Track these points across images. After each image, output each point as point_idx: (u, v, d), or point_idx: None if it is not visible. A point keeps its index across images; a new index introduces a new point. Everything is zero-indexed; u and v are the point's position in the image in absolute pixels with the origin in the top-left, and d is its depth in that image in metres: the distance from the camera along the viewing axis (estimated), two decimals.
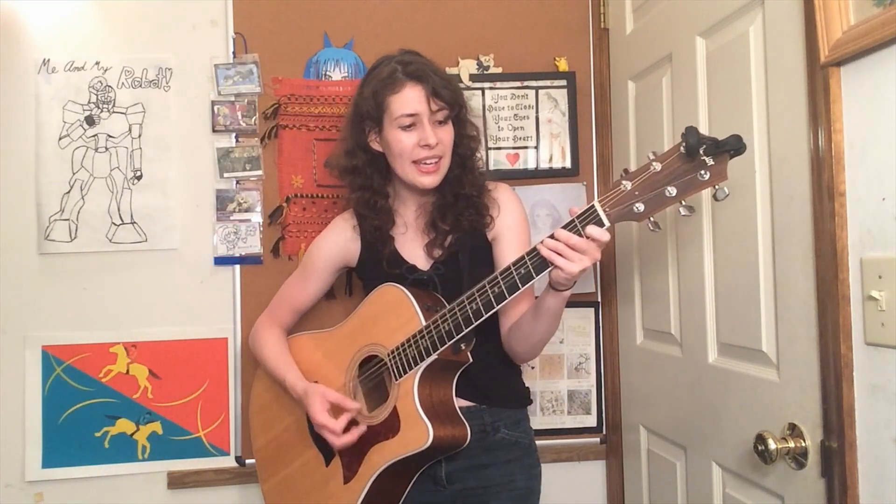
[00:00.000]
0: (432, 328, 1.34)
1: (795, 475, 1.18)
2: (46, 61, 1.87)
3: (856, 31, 1.02)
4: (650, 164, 1.11)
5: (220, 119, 1.91)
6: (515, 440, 1.51)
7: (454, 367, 1.42)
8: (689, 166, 1.07)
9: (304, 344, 1.64)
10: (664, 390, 1.68)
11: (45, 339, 1.86)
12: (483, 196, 1.49)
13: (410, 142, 1.41)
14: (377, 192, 1.50)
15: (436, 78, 1.41)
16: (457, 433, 1.39)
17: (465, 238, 1.47)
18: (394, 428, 1.39)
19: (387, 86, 1.41)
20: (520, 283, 1.24)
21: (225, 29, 1.92)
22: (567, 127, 1.99)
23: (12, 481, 1.85)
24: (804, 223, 1.16)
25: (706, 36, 1.46)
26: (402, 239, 1.53)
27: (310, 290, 1.65)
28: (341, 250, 1.59)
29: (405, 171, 1.44)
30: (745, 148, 1.07)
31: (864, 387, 1.05)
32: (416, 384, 1.36)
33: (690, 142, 1.05)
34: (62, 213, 1.87)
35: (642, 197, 1.12)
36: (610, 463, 2.00)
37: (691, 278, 1.53)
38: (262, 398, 1.70)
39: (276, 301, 1.70)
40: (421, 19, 1.97)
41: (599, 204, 1.16)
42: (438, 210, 1.48)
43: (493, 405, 1.49)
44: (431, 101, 1.39)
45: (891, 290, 0.99)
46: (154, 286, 1.90)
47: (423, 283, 1.47)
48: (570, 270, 1.18)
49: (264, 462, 1.68)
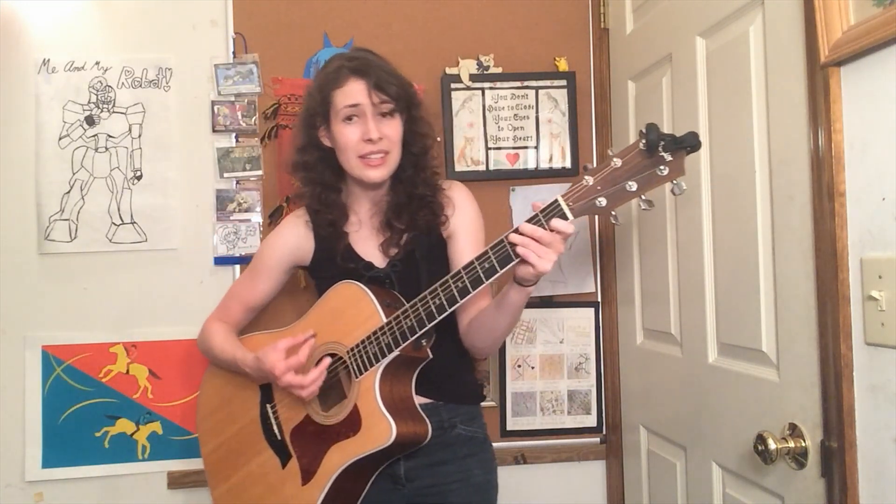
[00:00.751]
0: (394, 324, 1.33)
1: (795, 475, 1.18)
2: (46, 61, 1.87)
3: (856, 31, 1.02)
4: (611, 160, 1.14)
5: (220, 119, 1.91)
6: (472, 435, 1.51)
7: (414, 363, 1.40)
8: (649, 162, 1.11)
9: (258, 343, 1.56)
10: (664, 390, 1.68)
11: (45, 339, 1.86)
12: (437, 195, 1.49)
13: (354, 136, 1.41)
14: (329, 188, 1.50)
15: (381, 72, 1.42)
16: (418, 430, 1.38)
17: (420, 236, 1.47)
18: (355, 426, 1.36)
19: (331, 81, 1.43)
20: (484, 277, 1.24)
21: (225, 29, 1.92)
22: (567, 127, 1.99)
23: (12, 481, 1.85)
24: (804, 223, 1.16)
25: (706, 36, 1.46)
26: (356, 236, 1.52)
27: (260, 289, 1.60)
28: (294, 248, 1.56)
29: (351, 166, 1.44)
30: (701, 145, 1.10)
31: (864, 387, 1.05)
32: (378, 381, 1.35)
33: (651, 138, 1.08)
34: (62, 213, 1.87)
35: (604, 192, 1.14)
36: (610, 463, 2.00)
37: (691, 278, 1.53)
38: (211, 402, 1.64)
39: (225, 300, 1.66)
40: (421, 19, 1.97)
41: (563, 199, 1.18)
42: (393, 209, 1.48)
43: (449, 401, 1.49)
44: (373, 93, 1.40)
45: (891, 290, 0.99)
46: (154, 286, 1.90)
47: (379, 281, 1.45)
48: (535, 263, 1.19)
49: (214, 467, 1.61)
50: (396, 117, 1.44)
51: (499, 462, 1.90)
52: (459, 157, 1.96)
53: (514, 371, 1.98)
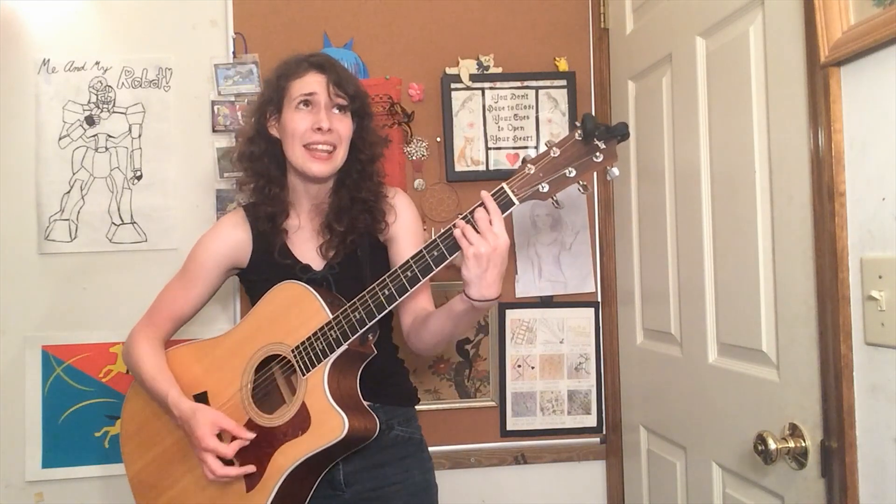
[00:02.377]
0: (342, 319, 1.31)
1: (795, 475, 1.18)
2: (46, 61, 1.87)
3: (856, 31, 1.02)
4: (550, 149, 1.22)
5: (220, 119, 1.91)
6: (409, 436, 1.50)
7: (360, 358, 1.39)
8: (585, 150, 1.20)
9: (184, 356, 1.50)
10: (664, 390, 1.68)
11: (45, 339, 1.86)
12: (380, 201, 1.48)
13: (304, 123, 1.41)
14: (273, 181, 1.48)
15: (341, 72, 1.44)
16: (368, 424, 1.37)
17: (361, 239, 1.46)
18: (303, 425, 1.33)
19: (291, 71, 1.45)
20: (433, 264, 1.26)
21: (225, 29, 1.92)
22: (567, 127, 1.99)
23: (12, 481, 1.85)
24: (804, 223, 1.16)
25: (706, 36, 1.46)
26: (294, 237, 1.49)
27: (193, 294, 1.52)
28: (231, 248, 1.50)
29: (296, 155, 1.43)
30: (629, 135, 1.23)
31: (864, 387, 1.05)
32: (326, 377, 1.33)
33: (588, 127, 1.18)
34: (62, 213, 1.87)
35: (546, 178, 1.22)
36: (610, 463, 2.00)
37: (691, 278, 1.53)
38: (138, 417, 1.53)
39: (154, 307, 1.56)
40: (421, 19, 1.97)
41: (507, 185, 1.24)
42: (334, 212, 1.47)
43: (385, 403, 1.47)
44: (331, 87, 1.41)
45: (891, 290, 0.99)
46: (154, 286, 1.87)
47: (317, 283, 1.42)
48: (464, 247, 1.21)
49: (145, 487, 1.51)
50: (348, 116, 1.45)
51: (499, 462, 1.91)
52: (459, 157, 1.96)
53: (514, 371, 1.98)
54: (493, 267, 1.21)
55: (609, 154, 1.20)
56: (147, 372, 1.47)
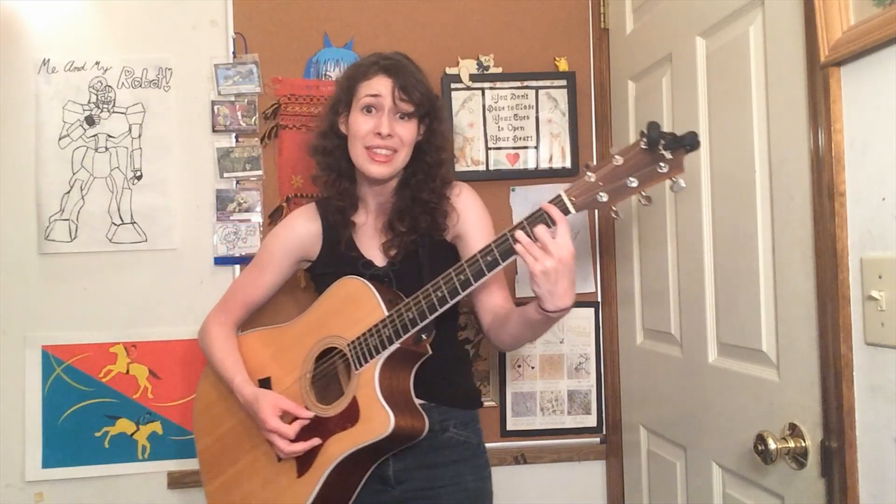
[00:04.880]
0: (395, 317, 1.33)
1: (795, 475, 1.18)
2: (46, 61, 1.87)
3: (856, 31, 1.02)
4: (612, 157, 1.17)
5: (220, 119, 1.91)
6: (464, 440, 1.50)
7: (414, 358, 1.41)
8: (649, 159, 1.14)
9: (254, 341, 1.59)
10: (664, 390, 1.68)
11: (45, 339, 1.86)
12: (442, 203, 1.49)
13: (366, 126, 1.43)
14: (343, 174, 1.51)
15: (410, 77, 1.43)
16: (416, 423, 1.38)
17: (422, 239, 1.48)
18: (353, 418, 1.37)
19: (361, 73, 1.46)
20: (486, 269, 1.25)
21: (225, 29, 1.92)
22: (567, 127, 1.99)
23: (12, 481, 1.85)
24: (804, 223, 1.16)
25: (706, 36, 1.46)
26: (360, 232, 1.53)
27: (264, 281, 1.59)
28: (302, 240, 1.56)
29: (357, 155, 1.46)
30: (699, 144, 1.14)
31: (864, 387, 1.05)
32: (377, 373, 1.35)
33: (652, 136, 1.12)
34: (62, 213, 1.87)
35: (606, 187, 1.18)
36: (610, 463, 2.00)
37: (691, 278, 1.53)
38: (209, 396, 1.64)
39: (228, 295, 1.65)
40: (421, 19, 1.97)
41: (565, 194, 1.21)
42: (396, 212, 1.49)
43: (441, 403, 1.48)
44: (397, 92, 1.42)
45: (891, 290, 0.99)
46: (154, 286, 1.90)
47: (378, 279, 1.46)
48: (529, 263, 1.20)
49: (209, 463, 1.62)
50: (413, 122, 1.46)
51: (498, 462, 1.90)
52: (459, 157, 1.96)
53: (514, 371, 1.98)
54: (563, 278, 1.21)
55: (675, 165, 1.13)
56: (216, 356, 1.57)
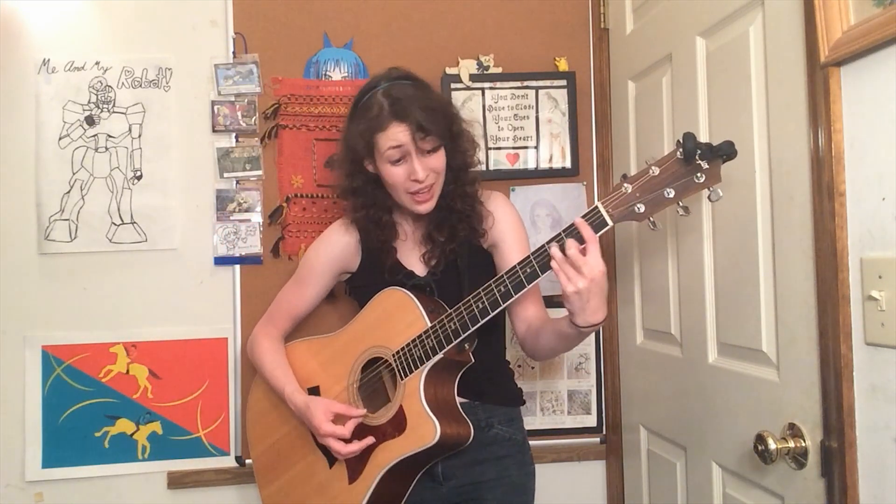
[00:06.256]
0: (438, 328, 1.36)
1: (795, 475, 1.18)
2: (46, 61, 1.87)
3: (856, 31, 1.02)
4: (649, 168, 1.18)
5: (220, 119, 1.91)
6: (510, 437, 1.54)
7: (457, 366, 1.44)
8: (686, 170, 1.15)
9: (302, 351, 1.64)
10: (664, 390, 1.68)
11: (45, 339, 1.86)
12: (476, 208, 1.51)
13: (401, 176, 1.43)
14: (381, 208, 1.52)
15: (421, 113, 1.40)
16: (461, 431, 1.41)
17: (461, 248, 1.50)
18: (400, 427, 1.41)
19: (374, 126, 1.42)
20: (525, 281, 1.27)
21: (225, 29, 1.92)
22: (567, 127, 1.99)
23: (12, 481, 1.85)
24: (804, 223, 1.16)
25: (706, 36, 1.46)
26: (401, 247, 1.56)
27: (308, 294, 1.65)
28: (342, 255, 1.60)
29: (401, 200, 1.47)
30: (736, 153, 1.14)
31: (864, 387, 1.05)
32: (423, 383, 1.38)
33: (688, 147, 1.13)
34: (62, 213, 1.87)
35: (643, 198, 1.18)
36: (610, 463, 2.00)
37: (691, 278, 1.53)
38: (261, 405, 1.69)
39: (273, 308, 1.70)
40: (421, 19, 1.97)
41: (602, 205, 1.21)
42: (434, 223, 1.51)
43: (486, 402, 1.52)
44: (417, 136, 1.40)
45: (891, 290, 0.99)
46: (154, 286, 1.90)
47: (420, 289, 1.49)
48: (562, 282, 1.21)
49: (264, 468, 1.67)
50: (441, 150, 1.45)
51: None
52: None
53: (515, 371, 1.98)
54: (594, 297, 1.22)
55: (712, 175, 1.14)
56: (266, 366, 1.63)
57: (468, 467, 1.49)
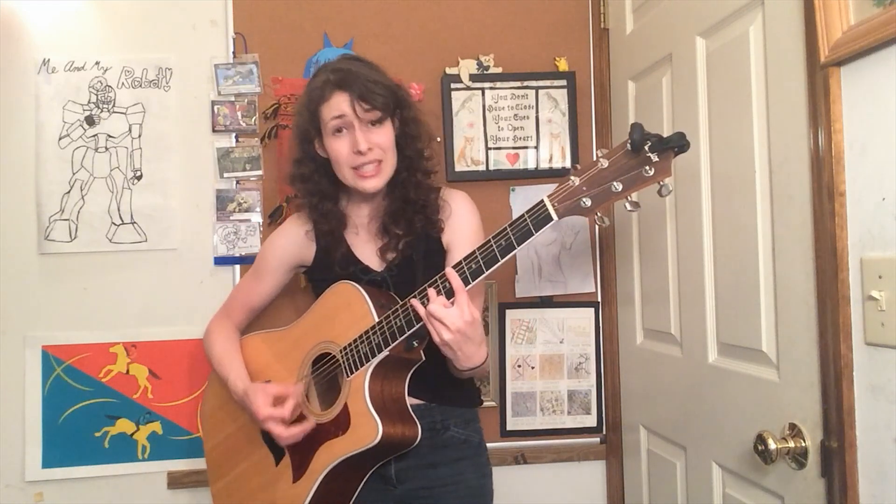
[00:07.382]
0: (384, 324, 1.33)
1: (795, 475, 1.18)
2: (46, 61, 1.87)
3: (856, 31, 1.02)
4: (598, 160, 1.13)
5: (220, 119, 1.91)
6: (465, 438, 1.50)
7: (407, 365, 1.40)
8: (635, 162, 1.09)
9: (256, 344, 1.61)
10: (664, 390, 1.68)
11: (45, 339, 1.86)
12: (432, 198, 1.49)
13: (344, 149, 1.42)
14: (326, 197, 1.50)
15: (364, 82, 1.39)
16: (407, 432, 1.37)
17: (418, 241, 1.47)
18: (343, 425, 1.36)
19: (317, 96, 1.42)
20: (470, 278, 1.24)
21: (225, 29, 1.92)
22: (567, 127, 1.99)
23: (12, 481, 1.85)
24: (804, 223, 1.16)
25: (706, 36, 1.46)
26: (355, 240, 1.53)
27: (263, 288, 1.63)
28: (296, 250, 1.57)
29: (346, 177, 1.45)
30: (689, 145, 1.09)
31: (864, 387, 1.05)
32: (368, 381, 1.34)
33: (635, 138, 1.07)
34: (62, 213, 1.87)
35: (589, 192, 1.13)
36: (610, 463, 2.00)
37: (691, 278, 1.53)
38: (215, 400, 1.66)
39: (229, 300, 1.69)
40: (421, 19, 1.97)
41: (549, 199, 1.17)
42: (390, 215, 1.49)
43: (442, 403, 1.49)
44: (357, 104, 1.39)
45: (891, 290, 0.99)
46: (154, 286, 1.90)
47: (376, 284, 1.46)
48: (433, 338, 1.24)
49: (214, 464, 1.65)
50: (386, 124, 1.44)
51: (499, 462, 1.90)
52: (459, 157, 1.96)
53: (514, 371, 1.98)
54: (465, 345, 1.23)
55: (662, 168, 1.08)
56: (214, 357, 1.61)
57: (422, 470, 1.45)
